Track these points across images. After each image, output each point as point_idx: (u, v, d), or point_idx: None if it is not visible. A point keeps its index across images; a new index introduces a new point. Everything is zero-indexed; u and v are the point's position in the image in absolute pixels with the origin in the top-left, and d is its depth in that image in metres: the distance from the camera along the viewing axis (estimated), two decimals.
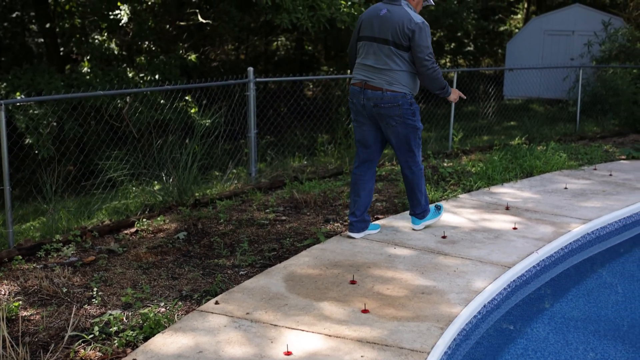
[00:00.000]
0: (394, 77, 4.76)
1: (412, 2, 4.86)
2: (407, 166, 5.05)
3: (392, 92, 4.75)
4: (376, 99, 4.78)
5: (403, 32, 4.67)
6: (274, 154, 8.63)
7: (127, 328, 3.54)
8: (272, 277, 4.22)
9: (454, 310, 3.79)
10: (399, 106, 4.77)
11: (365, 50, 4.87)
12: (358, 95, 4.87)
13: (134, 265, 4.54)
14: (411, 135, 4.90)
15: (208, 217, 5.63)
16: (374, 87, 4.78)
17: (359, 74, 4.89)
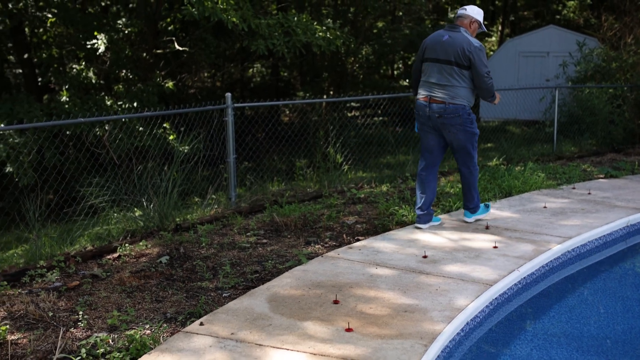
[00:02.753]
0: (455, 92, 5.63)
1: (470, 29, 5.76)
2: (466, 166, 5.92)
3: (454, 105, 5.62)
4: (440, 110, 5.65)
5: (464, 54, 5.55)
6: (253, 178, 8.68)
7: (113, 350, 3.55)
8: (255, 298, 4.25)
9: (437, 327, 3.85)
10: (460, 116, 5.63)
11: (430, 70, 5.74)
12: (424, 109, 5.76)
13: (118, 290, 4.55)
14: (470, 140, 5.78)
15: (190, 241, 5.65)
16: (438, 100, 5.65)
17: (424, 89, 5.78)
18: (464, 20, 5.74)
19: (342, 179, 8.36)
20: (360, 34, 18.23)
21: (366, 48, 19.23)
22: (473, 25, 5.77)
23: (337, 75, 19.05)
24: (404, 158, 10.83)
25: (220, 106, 7.15)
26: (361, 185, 7.94)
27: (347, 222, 6.25)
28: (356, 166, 9.68)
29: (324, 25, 11.83)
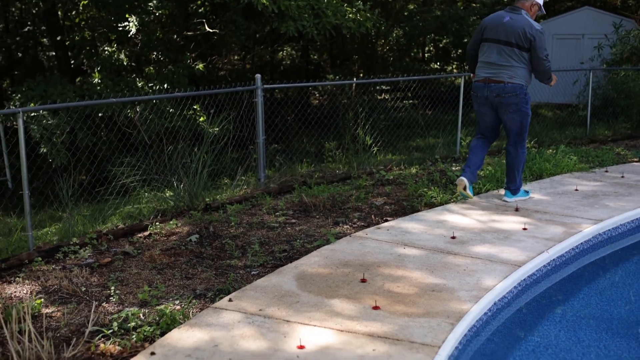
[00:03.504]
0: (514, 72, 5.81)
1: (530, 12, 5.89)
2: (515, 146, 6.07)
3: (512, 84, 5.81)
4: (498, 90, 5.86)
5: (525, 36, 5.72)
6: (282, 159, 8.71)
7: (144, 324, 3.62)
8: (283, 276, 4.29)
9: (464, 307, 3.84)
10: (517, 95, 5.82)
11: (489, 50, 5.93)
12: (482, 89, 5.97)
13: (148, 266, 4.62)
14: (523, 120, 5.95)
15: (219, 220, 5.71)
16: (497, 80, 5.86)
17: (483, 71, 5.98)
18: (525, 3, 5.88)
19: (371, 161, 8.35)
20: (390, 16, 18.09)
21: (397, 30, 19.07)
22: (533, 7, 5.90)
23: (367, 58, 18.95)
24: (434, 141, 10.77)
25: (250, 87, 7.18)
26: (390, 167, 7.92)
27: (375, 203, 6.25)
28: (385, 149, 9.66)
29: (354, 7, 11.75)
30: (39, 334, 3.46)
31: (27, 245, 5.08)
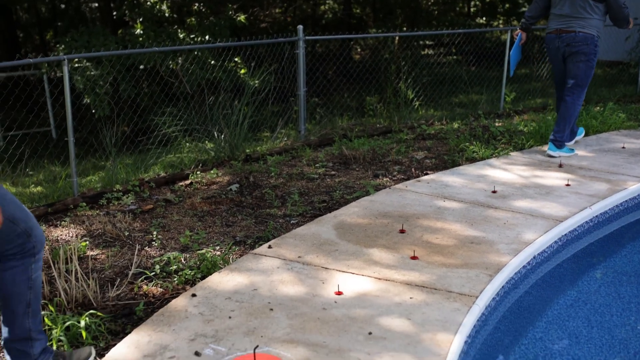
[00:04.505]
0: (586, 22, 5.90)
1: None
2: (572, 96, 6.09)
3: (584, 33, 5.91)
4: (569, 39, 5.96)
5: None
6: (323, 112, 8.68)
7: (185, 268, 3.69)
8: (322, 225, 4.31)
9: (503, 259, 3.82)
10: (588, 45, 5.91)
11: (561, 2, 5.99)
12: (554, 41, 6.08)
13: (189, 214, 4.69)
14: (587, 71, 6.01)
15: (259, 171, 5.75)
16: (568, 30, 5.96)
17: (554, 23, 6.06)
18: None
19: (413, 115, 8.27)
20: None
21: None
22: None
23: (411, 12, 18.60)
24: (477, 97, 10.60)
25: (292, 39, 7.13)
26: (432, 122, 7.84)
27: (416, 157, 6.21)
28: (427, 104, 9.54)
29: None
30: (84, 274, 3.56)
31: (72, 191, 5.20)
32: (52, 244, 4.08)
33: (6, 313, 2.51)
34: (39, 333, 2.57)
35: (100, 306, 3.26)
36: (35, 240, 2.49)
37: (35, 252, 2.49)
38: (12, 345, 2.54)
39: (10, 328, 2.52)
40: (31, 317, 2.53)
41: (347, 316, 3.11)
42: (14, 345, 2.54)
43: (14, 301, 2.48)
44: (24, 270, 2.47)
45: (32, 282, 2.50)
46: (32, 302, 2.52)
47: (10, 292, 2.47)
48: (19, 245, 2.45)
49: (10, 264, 2.46)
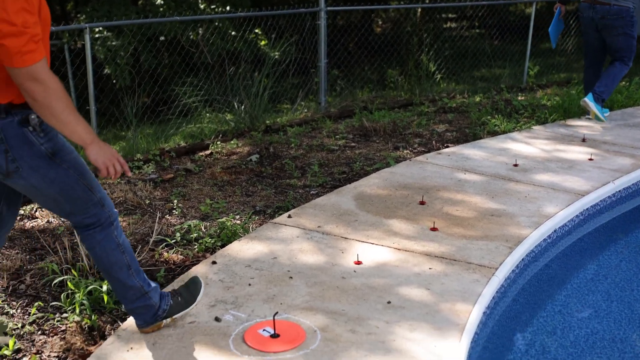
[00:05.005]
0: None
1: None
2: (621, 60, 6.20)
3: (618, 6, 5.94)
4: (604, 12, 6.00)
5: None
6: (344, 84, 8.63)
7: (205, 236, 3.71)
8: (342, 195, 4.31)
9: (524, 232, 3.80)
10: (623, 18, 5.95)
11: None
12: (587, 10, 6.11)
13: (209, 183, 4.71)
14: (628, 42, 6.11)
15: (279, 142, 5.74)
16: (603, 2, 5.98)
17: None
18: None
19: (434, 88, 8.20)
20: None
21: None
22: None
23: None
24: (500, 71, 10.47)
25: (313, 9, 7.07)
26: (453, 95, 7.77)
27: (437, 129, 6.17)
28: (449, 77, 9.45)
29: None
30: None
31: None
32: None
33: (114, 282, 2.60)
34: (149, 285, 2.66)
35: None
36: (109, 210, 2.54)
37: (112, 221, 2.55)
38: (133, 306, 2.64)
39: (125, 294, 2.61)
40: (136, 275, 2.61)
41: (366, 285, 3.12)
42: (136, 305, 2.63)
43: (116, 270, 2.56)
44: (110, 240, 2.54)
45: (122, 246, 2.57)
46: (131, 263, 2.60)
47: (108, 264, 2.55)
48: (94, 216, 2.49)
49: (96, 239, 2.52)
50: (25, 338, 2.78)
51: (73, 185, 2.40)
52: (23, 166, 2.29)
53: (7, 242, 3.72)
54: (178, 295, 2.77)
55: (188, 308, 2.77)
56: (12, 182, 2.35)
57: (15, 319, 2.92)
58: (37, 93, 2.17)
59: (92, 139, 2.32)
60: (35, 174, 2.32)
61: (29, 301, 3.08)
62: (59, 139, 2.38)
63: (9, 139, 2.25)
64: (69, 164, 2.39)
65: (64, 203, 2.42)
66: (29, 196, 2.43)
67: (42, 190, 2.36)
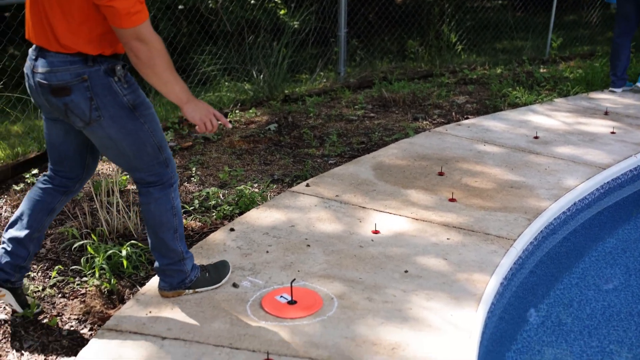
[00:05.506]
0: None
1: None
2: None
3: None
4: None
5: None
6: (363, 54, 8.56)
7: (223, 203, 3.73)
8: (360, 165, 4.30)
9: (543, 204, 3.77)
10: None
11: None
12: None
13: (228, 151, 4.72)
14: None
15: (298, 111, 5.73)
16: None
17: None
18: None
19: (455, 59, 8.11)
20: None
21: None
22: None
23: None
24: (522, 43, 10.33)
25: None
26: (474, 67, 7.68)
27: (457, 101, 6.11)
28: (470, 49, 9.33)
29: None
30: (127, 206, 3.62)
31: None
32: (94, 178, 4.15)
33: (158, 243, 2.65)
34: (187, 253, 2.72)
35: (140, 237, 3.32)
36: (172, 171, 2.59)
37: (173, 183, 2.60)
38: (167, 267, 2.69)
39: (165, 254, 2.66)
40: (179, 240, 2.67)
41: (383, 254, 3.12)
42: (170, 267, 2.69)
43: (163, 230, 2.61)
44: (166, 201, 2.59)
45: (175, 209, 2.63)
46: (178, 227, 2.66)
47: (158, 222, 2.60)
48: (157, 174, 2.54)
49: (154, 196, 2.56)
50: (46, 301, 2.82)
51: (145, 141, 2.45)
52: (105, 115, 2.34)
53: None
54: (206, 271, 2.82)
55: (212, 286, 2.81)
56: (90, 131, 2.40)
57: (36, 282, 2.96)
58: (141, 52, 2.24)
59: (188, 98, 2.41)
60: (114, 125, 2.37)
61: (49, 265, 3.12)
62: (140, 93, 2.44)
63: (94, 87, 2.31)
64: (146, 119, 2.44)
65: (133, 158, 2.47)
66: (100, 148, 2.48)
67: (116, 141, 2.41)
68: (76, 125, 2.39)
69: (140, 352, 2.39)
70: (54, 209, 2.68)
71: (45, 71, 2.29)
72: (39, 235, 2.66)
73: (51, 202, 2.66)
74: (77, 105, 2.31)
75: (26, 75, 2.38)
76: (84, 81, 2.29)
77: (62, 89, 2.29)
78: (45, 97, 2.34)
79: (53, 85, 2.29)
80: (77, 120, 2.36)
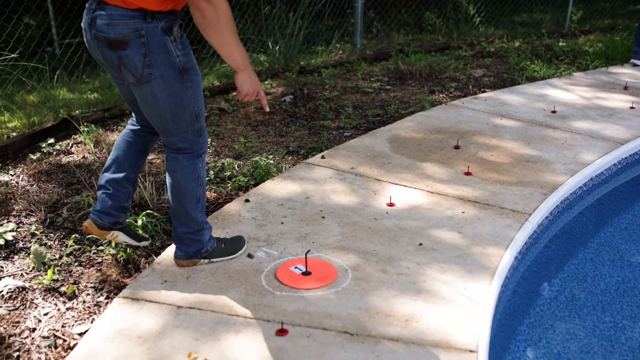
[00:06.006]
0: None
1: None
2: None
3: None
4: None
5: None
6: (380, 26, 8.48)
7: (239, 174, 3.74)
8: (376, 138, 4.28)
9: (559, 179, 3.75)
10: None
11: None
12: None
13: (243, 123, 4.72)
14: None
15: (313, 83, 5.70)
16: None
17: None
18: None
19: (473, 32, 8.02)
20: None
21: None
22: None
23: None
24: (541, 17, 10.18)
25: None
26: (492, 40, 7.60)
27: (474, 74, 6.06)
28: (488, 21, 9.22)
29: None
30: (142, 176, 3.63)
31: None
32: (109, 147, 4.17)
33: (180, 210, 2.67)
34: (206, 223, 2.75)
35: (156, 207, 3.34)
36: (203, 141, 2.61)
37: (202, 153, 2.63)
38: (185, 235, 2.72)
39: (185, 222, 2.69)
40: (200, 210, 2.70)
41: (398, 227, 3.12)
42: (189, 236, 2.72)
43: (186, 198, 2.64)
44: (193, 170, 2.61)
45: (200, 179, 2.65)
46: (201, 198, 2.69)
47: (182, 190, 2.63)
48: (189, 142, 2.56)
49: (182, 164, 2.58)
50: (63, 269, 2.86)
51: (186, 106, 2.46)
52: (155, 73, 2.36)
53: (44, 176, 3.79)
54: (222, 243, 2.85)
55: (227, 257, 2.84)
56: (137, 88, 2.42)
57: (53, 250, 3.00)
58: (207, 12, 2.27)
59: (245, 65, 2.44)
60: (162, 84, 2.39)
61: (65, 233, 3.15)
62: (192, 57, 2.46)
63: (150, 44, 2.32)
64: (193, 84, 2.46)
65: (169, 120, 2.49)
66: (141, 104, 2.50)
67: (159, 101, 2.43)
68: (127, 80, 2.40)
69: (156, 321, 2.42)
70: (146, 149, 2.77)
71: (103, 24, 2.30)
72: (134, 176, 2.74)
73: (143, 143, 2.75)
74: (131, 61, 2.33)
75: (83, 29, 2.40)
76: (141, 37, 2.30)
77: (118, 43, 2.31)
78: (101, 50, 2.35)
79: (110, 38, 2.31)
80: (129, 76, 2.38)
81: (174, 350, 2.26)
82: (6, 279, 2.76)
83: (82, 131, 4.38)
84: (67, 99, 5.43)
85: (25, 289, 2.69)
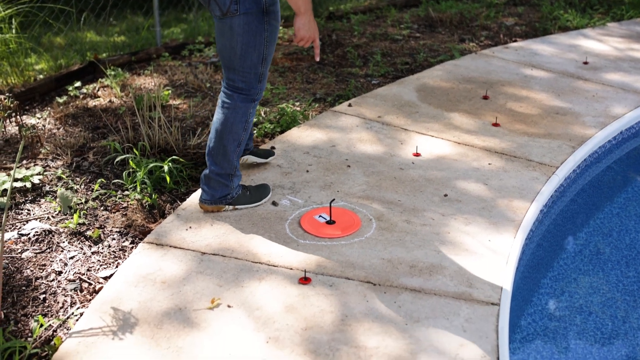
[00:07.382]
0: None
1: None
2: None
3: None
4: None
5: None
6: None
7: (265, 121, 3.73)
8: (404, 86, 4.23)
9: (588, 132, 3.69)
10: None
11: None
12: None
13: (270, 69, 4.67)
14: None
15: (342, 29, 5.62)
16: None
17: None
18: None
19: None
20: None
21: None
22: None
23: None
24: None
25: None
26: None
27: (505, 23, 5.92)
28: None
29: None
30: (168, 121, 3.64)
31: (155, 41, 5.24)
32: (136, 92, 4.17)
33: (219, 148, 2.70)
34: (238, 171, 2.79)
35: (181, 153, 3.35)
36: (261, 88, 2.65)
37: (256, 99, 2.67)
38: (216, 177, 2.75)
39: (219, 162, 2.72)
40: (237, 155, 2.73)
41: (423, 177, 3.11)
42: (219, 178, 2.75)
43: (229, 138, 2.68)
44: (244, 113, 2.66)
45: (247, 124, 2.70)
46: (242, 143, 2.73)
47: (228, 129, 2.67)
48: (248, 83, 2.61)
49: (234, 102, 2.63)
50: (89, 213, 2.90)
51: (256, 46, 2.52)
52: (240, 9, 2.44)
53: (71, 120, 3.82)
54: (247, 190, 2.86)
55: (252, 204, 2.86)
56: (221, 21, 2.51)
57: (79, 195, 3.03)
58: None
59: (306, 8, 2.48)
60: (244, 19, 2.46)
61: (91, 178, 3.18)
62: (277, 4, 2.53)
63: None
64: (270, 28, 2.52)
65: (237, 57, 2.54)
66: (217, 35, 2.58)
67: (235, 35, 2.49)
68: (214, 13, 2.50)
69: (180, 266, 2.45)
70: None
71: None
72: None
73: None
74: None
75: None
76: None
77: None
78: None
79: None
80: (216, 9, 2.48)
81: (197, 296, 2.30)
82: (33, 221, 2.81)
83: (109, 75, 4.38)
84: (94, 41, 5.43)
85: (52, 232, 2.74)
